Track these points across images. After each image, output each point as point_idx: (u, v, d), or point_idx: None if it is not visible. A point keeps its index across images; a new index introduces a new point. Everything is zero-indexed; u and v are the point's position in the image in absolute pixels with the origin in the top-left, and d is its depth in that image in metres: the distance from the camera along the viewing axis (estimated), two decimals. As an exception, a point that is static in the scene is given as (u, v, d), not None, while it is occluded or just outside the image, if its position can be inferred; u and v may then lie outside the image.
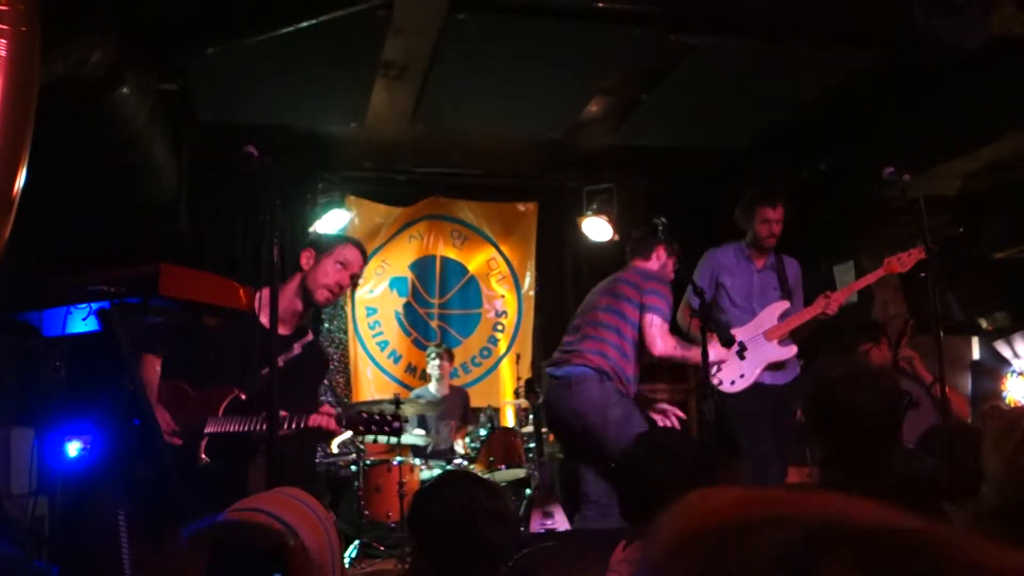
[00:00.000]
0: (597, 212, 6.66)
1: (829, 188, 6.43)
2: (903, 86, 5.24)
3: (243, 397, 3.10)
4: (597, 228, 6.73)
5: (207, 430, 3.03)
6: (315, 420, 2.95)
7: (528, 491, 5.97)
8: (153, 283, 2.77)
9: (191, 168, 5.82)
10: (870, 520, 0.44)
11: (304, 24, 4.29)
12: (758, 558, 0.43)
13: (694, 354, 4.15)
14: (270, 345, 2.81)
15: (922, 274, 3.97)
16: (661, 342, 4.20)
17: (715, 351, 4.19)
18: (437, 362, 6.53)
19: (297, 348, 3.26)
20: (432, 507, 1.94)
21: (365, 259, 3.48)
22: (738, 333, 4.49)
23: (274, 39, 4.42)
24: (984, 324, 7.32)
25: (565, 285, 7.59)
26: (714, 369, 4.61)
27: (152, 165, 5.16)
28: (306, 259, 3.39)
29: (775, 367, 4.70)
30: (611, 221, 6.63)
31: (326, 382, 7.17)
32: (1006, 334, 7.38)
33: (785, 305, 4.78)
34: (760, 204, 4.77)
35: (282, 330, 3.22)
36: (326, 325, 7.17)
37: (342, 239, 3.55)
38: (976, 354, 7.59)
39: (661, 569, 0.46)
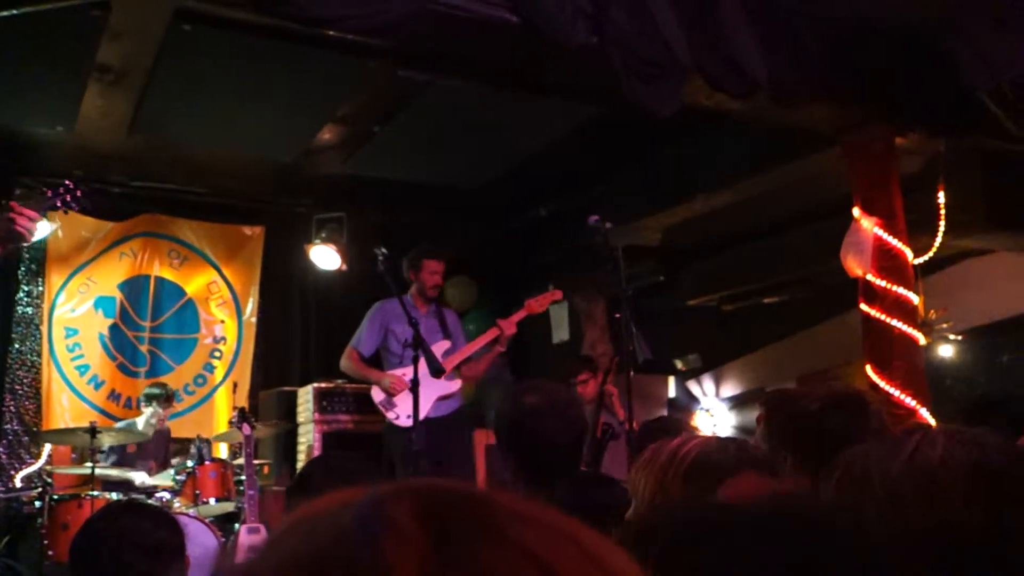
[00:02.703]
0: (326, 241, 6.60)
1: (548, 233, 6.84)
2: (616, 143, 5.70)
3: None
4: (325, 257, 6.67)
5: None
6: None
7: (237, 525, 5.73)
8: None
9: None
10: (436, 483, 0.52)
11: (5, 13, 3.92)
12: (341, 516, 0.49)
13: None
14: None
15: (617, 315, 4.30)
16: None
17: (379, 393, 5.07)
18: (161, 411, 6.06)
19: None
20: (83, 540, 1.82)
21: None
22: (408, 372, 4.83)
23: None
24: (679, 365, 8.06)
25: (291, 313, 7.42)
26: (389, 407, 5.16)
27: None
28: None
29: (441, 399, 5.22)
30: (340, 251, 6.60)
31: (13, 408, 6.49)
32: (697, 374, 8.16)
33: (447, 344, 5.33)
34: (427, 257, 5.31)
35: None
36: (17, 346, 6.49)
37: None
38: (672, 392, 8.31)
39: (263, 556, 0.51)
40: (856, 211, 4.85)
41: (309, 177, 6.48)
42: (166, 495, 5.65)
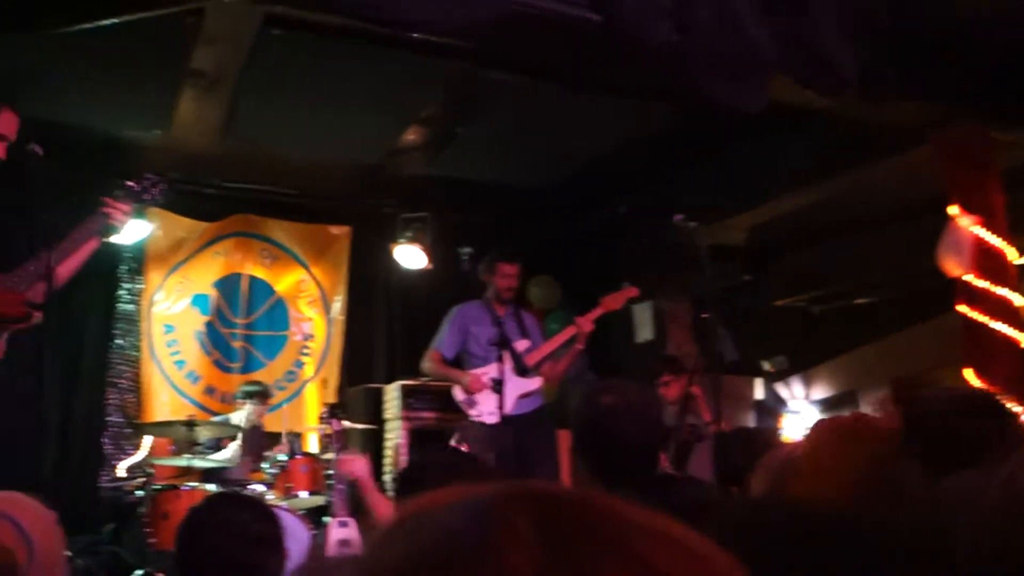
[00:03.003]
0: (411, 240, 6.71)
1: (629, 231, 6.78)
2: (699, 140, 5.62)
3: None
4: (411, 256, 6.78)
5: None
6: None
7: (327, 519, 5.85)
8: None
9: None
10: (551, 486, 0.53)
11: (106, 22, 4.09)
12: (455, 515, 0.50)
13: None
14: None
15: (704, 315, 4.25)
16: None
17: (460, 392, 5.21)
18: (259, 407, 6.27)
19: None
20: (185, 530, 1.89)
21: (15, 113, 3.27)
22: (490, 371, 5.04)
23: (73, 34, 4.18)
24: (766, 366, 7.89)
25: (376, 311, 7.54)
26: (471, 405, 5.24)
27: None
28: None
29: (522, 398, 5.23)
30: (425, 250, 6.70)
31: (115, 401, 6.77)
32: (785, 376, 7.99)
33: (527, 343, 5.35)
34: (500, 261, 5.35)
35: None
36: (118, 341, 6.77)
37: None
38: (759, 394, 8.15)
39: (375, 552, 0.52)
40: (953, 209, 4.68)
41: (394, 178, 6.58)
42: (259, 487, 5.81)
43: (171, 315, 6.88)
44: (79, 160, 5.73)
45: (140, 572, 5.24)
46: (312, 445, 6.80)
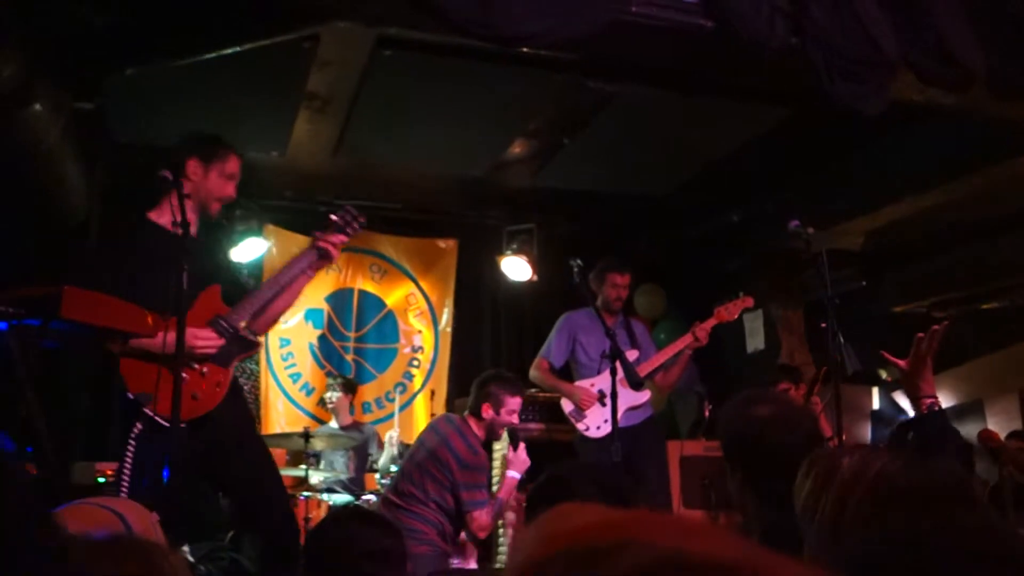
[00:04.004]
0: (517, 252, 6.75)
1: (741, 239, 6.65)
2: (812, 144, 5.47)
3: None
4: (517, 268, 6.81)
5: None
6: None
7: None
8: (55, 305, 2.69)
9: (104, 189, 5.68)
10: (704, 553, 0.46)
11: (228, 51, 4.26)
12: None
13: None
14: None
15: (823, 324, 4.12)
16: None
17: (568, 404, 5.14)
18: (339, 394, 6.45)
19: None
20: (313, 544, 1.93)
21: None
22: (597, 382, 5.08)
23: (197, 63, 4.38)
24: (884, 375, 7.61)
25: (483, 323, 7.62)
26: (579, 418, 5.20)
27: (63, 185, 5.02)
28: (193, 169, 3.32)
29: (631, 410, 5.16)
30: (531, 261, 6.73)
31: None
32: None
33: (636, 354, 5.26)
34: (610, 271, 5.30)
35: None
36: (237, 355, 7.01)
37: (223, 146, 3.47)
38: (876, 404, 7.87)
39: None
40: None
41: (500, 190, 6.64)
42: (372, 497, 5.92)
43: (286, 329, 7.09)
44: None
45: (260, 579, 5.39)
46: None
